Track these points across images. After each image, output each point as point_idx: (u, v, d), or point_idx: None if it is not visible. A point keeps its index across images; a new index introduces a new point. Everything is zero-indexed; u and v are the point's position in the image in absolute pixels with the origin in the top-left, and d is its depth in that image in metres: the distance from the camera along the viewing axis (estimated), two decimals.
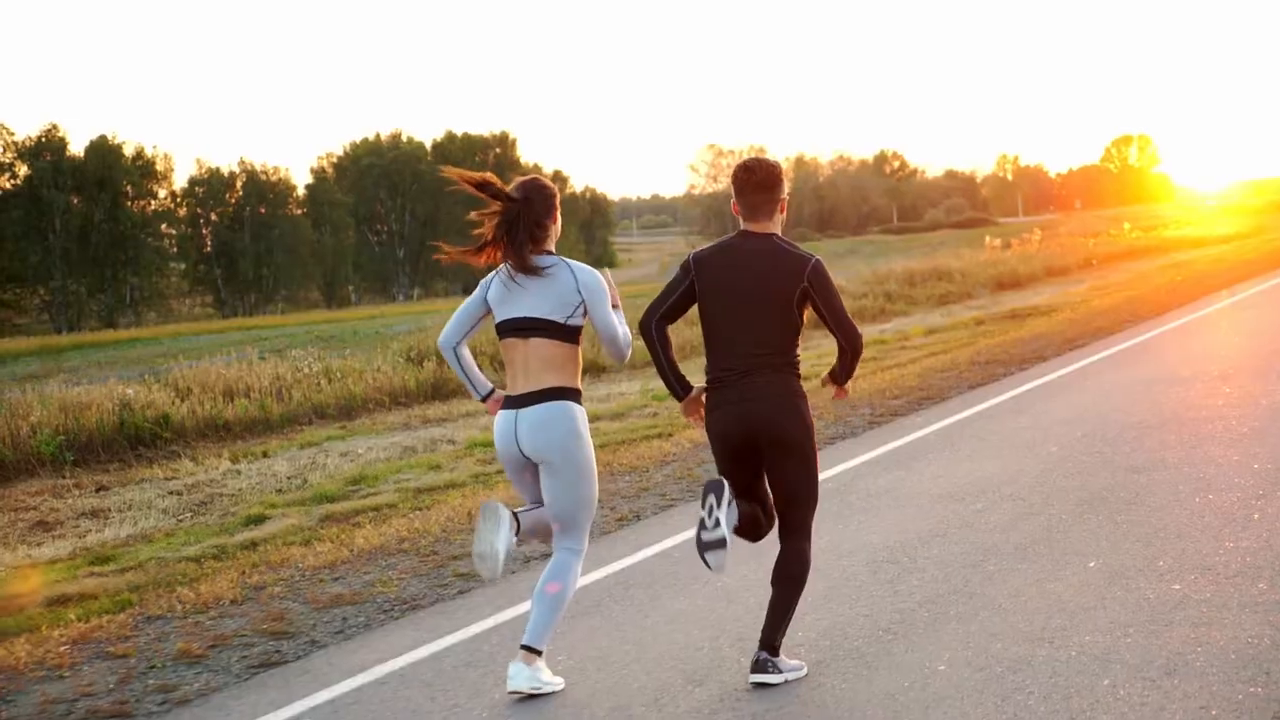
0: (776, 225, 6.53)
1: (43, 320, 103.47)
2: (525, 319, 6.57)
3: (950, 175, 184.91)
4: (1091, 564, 7.88)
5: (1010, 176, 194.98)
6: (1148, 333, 21.34)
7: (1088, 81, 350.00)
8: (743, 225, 6.52)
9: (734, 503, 6.29)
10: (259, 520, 12.27)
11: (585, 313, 6.61)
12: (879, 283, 43.75)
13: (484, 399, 6.91)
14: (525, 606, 8.09)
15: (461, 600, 8.55)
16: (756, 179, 6.47)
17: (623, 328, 6.70)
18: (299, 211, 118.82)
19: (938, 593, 7.61)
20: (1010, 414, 14.21)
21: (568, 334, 6.58)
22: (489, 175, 6.74)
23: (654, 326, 6.55)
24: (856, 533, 9.27)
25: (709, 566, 6.28)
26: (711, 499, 6.19)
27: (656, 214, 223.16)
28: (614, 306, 6.71)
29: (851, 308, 37.81)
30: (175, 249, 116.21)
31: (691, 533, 9.72)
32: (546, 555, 8.84)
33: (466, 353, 6.89)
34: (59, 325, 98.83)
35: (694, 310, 6.58)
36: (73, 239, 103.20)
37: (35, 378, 44.95)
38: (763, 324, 6.33)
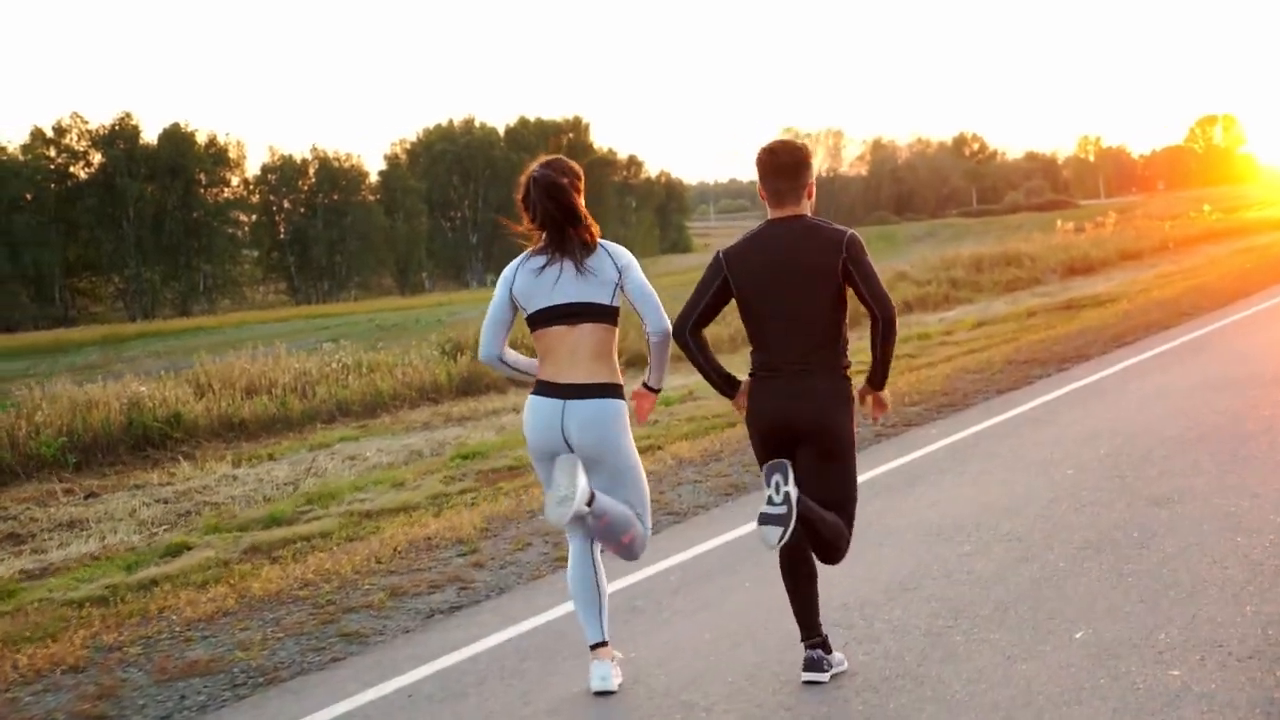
0: (804, 210, 6.14)
1: (118, 308, 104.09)
2: (574, 304, 6.21)
3: (1031, 157, 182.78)
4: (1079, 634, 6.42)
5: (1092, 158, 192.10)
6: (1205, 327, 19.61)
7: (1172, 61, 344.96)
8: (770, 213, 6.17)
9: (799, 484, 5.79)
10: (178, 551, 11.02)
11: (619, 293, 6.29)
12: (945, 268, 42.41)
13: None
14: (397, 682, 6.86)
15: (329, 672, 7.15)
16: (780, 162, 6.11)
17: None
18: (372, 198, 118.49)
19: (884, 674, 6.17)
20: (1033, 426, 12.67)
21: (611, 316, 6.29)
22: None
23: (689, 335, 6.22)
24: (820, 582, 7.85)
25: (764, 541, 5.75)
26: (777, 477, 5.70)
27: (734, 198, 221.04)
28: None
29: (915, 295, 36.42)
30: (249, 236, 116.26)
31: (636, 579, 8.44)
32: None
33: (510, 353, 6.56)
34: (133, 313, 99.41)
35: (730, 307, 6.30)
36: (146, 227, 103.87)
37: (94, 367, 44.76)
38: (809, 309, 5.99)
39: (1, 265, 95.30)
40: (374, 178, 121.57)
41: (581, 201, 6.32)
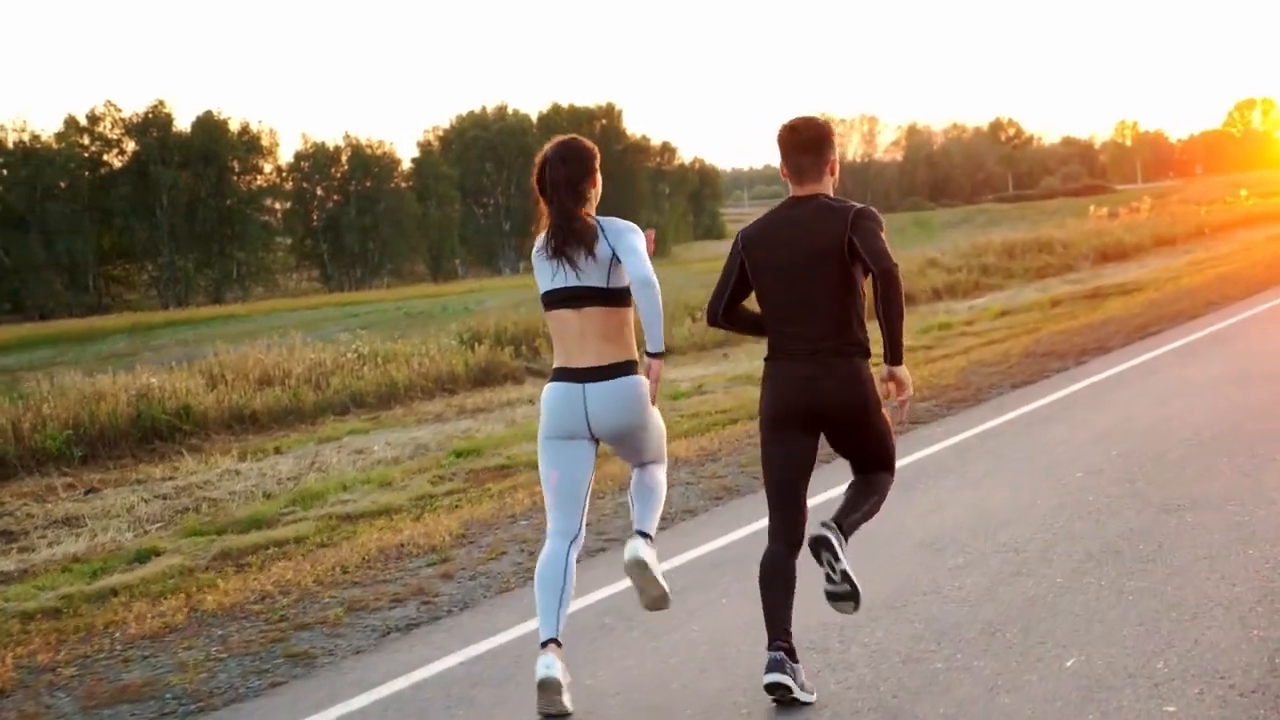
0: (826, 188, 5.98)
1: (151, 296, 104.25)
2: (574, 288, 6.06)
3: (1067, 142, 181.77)
4: (1070, 662, 5.89)
5: (1129, 143, 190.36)
6: (1231, 317, 18.99)
7: (1210, 45, 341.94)
8: (790, 191, 6.03)
9: (845, 545, 5.81)
10: (147, 557, 10.57)
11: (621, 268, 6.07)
12: (976, 255, 41.89)
13: None
14: (335, 710, 6.38)
15: (265, 699, 6.62)
16: (802, 139, 5.96)
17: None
18: (405, 185, 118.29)
19: (854, 707, 5.65)
20: (1044, 424, 12.11)
21: (616, 299, 6.09)
22: None
23: (721, 319, 6.21)
24: (797, 598, 7.34)
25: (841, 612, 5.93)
26: (826, 555, 5.73)
27: (769, 184, 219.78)
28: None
29: (945, 282, 35.85)
30: (282, 224, 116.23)
31: (610, 592, 7.95)
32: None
33: None
34: (167, 301, 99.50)
35: None
36: (180, 214, 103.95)
37: (120, 355, 44.59)
38: (820, 290, 5.80)
39: (36, 253, 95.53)
40: (406, 165, 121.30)
41: (597, 182, 6.21)
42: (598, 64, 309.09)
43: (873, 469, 6.11)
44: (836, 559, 5.70)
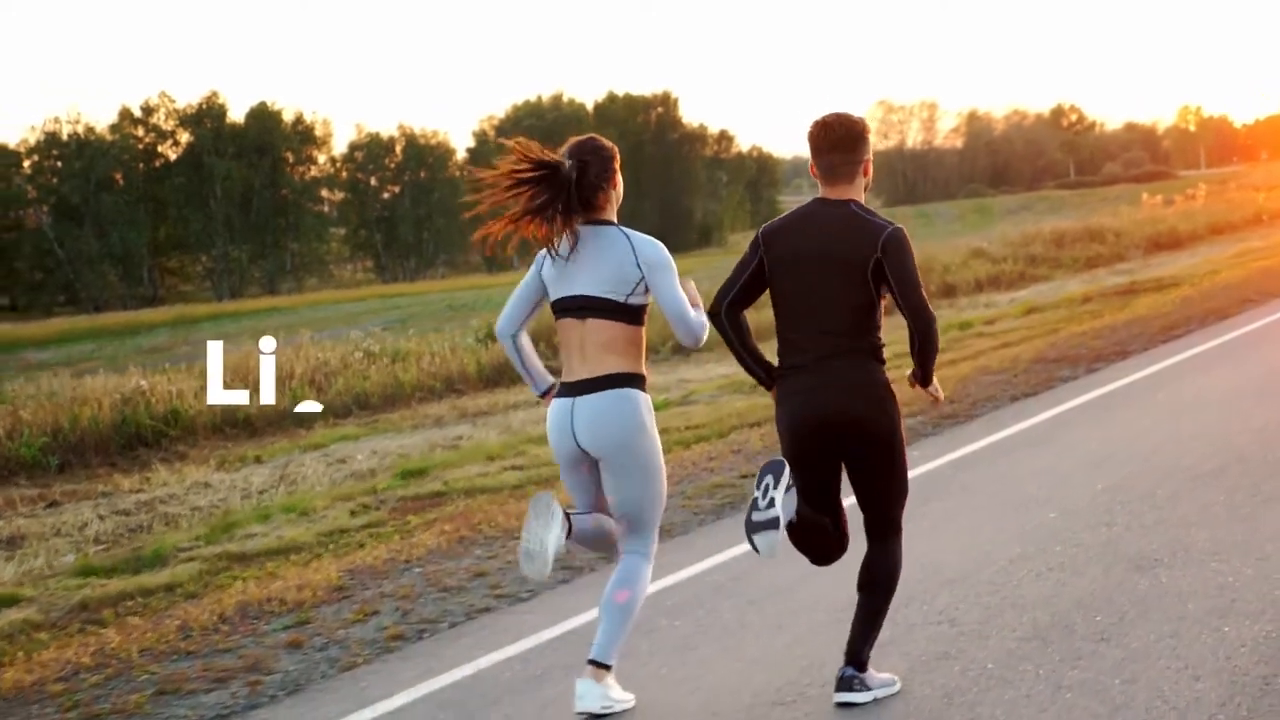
0: (857, 191, 5.77)
1: (206, 288, 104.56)
2: (580, 297, 5.86)
3: (1130, 128, 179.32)
4: None
5: (1193, 128, 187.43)
6: (1267, 317, 17.33)
7: (1275, 27, 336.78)
8: (820, 191, 5.81)
9: (793, 489, 5.50)
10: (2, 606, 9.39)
11: (647, 290, 5.88)
12: (1024, 244, 40.53)
13: (542, 395, 6.13)
14: None
15: None
16: (835, 137, 5.73)
17: (697, 312, 5.95)
18: (459, 175, 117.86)
19: None
20: (1032, 447, 10.69)
21: (628, 314, 5.87)
22: (521, 144, 5.94)
23: (724, 313, 5.86)
24: (686, 679, 6.07)
25: (757, 550, 5.43)
26: (769, 479, 5.40)
27: None
28: (693, 305, 5.98)
29: (988, 274, 34.40)
30: (336, 214, 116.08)
31: (492, 660, 6.76)
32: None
33: (526, 341, 6.21)
34: (221, 293, 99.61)
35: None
36: (234, 205, 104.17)
37: (160, 350, 44.03)
38: (835, 303, 5.59)
39: (90, 245, 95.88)
40: (461, 154, 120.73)
41: (617, 183, 6.00)
42: (654, 52, 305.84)
43: (879, 520, 5.77)
44: (777, 484, 5.37)
